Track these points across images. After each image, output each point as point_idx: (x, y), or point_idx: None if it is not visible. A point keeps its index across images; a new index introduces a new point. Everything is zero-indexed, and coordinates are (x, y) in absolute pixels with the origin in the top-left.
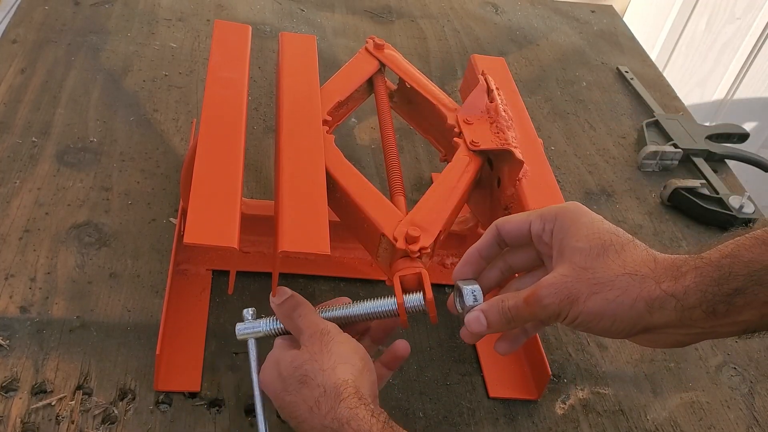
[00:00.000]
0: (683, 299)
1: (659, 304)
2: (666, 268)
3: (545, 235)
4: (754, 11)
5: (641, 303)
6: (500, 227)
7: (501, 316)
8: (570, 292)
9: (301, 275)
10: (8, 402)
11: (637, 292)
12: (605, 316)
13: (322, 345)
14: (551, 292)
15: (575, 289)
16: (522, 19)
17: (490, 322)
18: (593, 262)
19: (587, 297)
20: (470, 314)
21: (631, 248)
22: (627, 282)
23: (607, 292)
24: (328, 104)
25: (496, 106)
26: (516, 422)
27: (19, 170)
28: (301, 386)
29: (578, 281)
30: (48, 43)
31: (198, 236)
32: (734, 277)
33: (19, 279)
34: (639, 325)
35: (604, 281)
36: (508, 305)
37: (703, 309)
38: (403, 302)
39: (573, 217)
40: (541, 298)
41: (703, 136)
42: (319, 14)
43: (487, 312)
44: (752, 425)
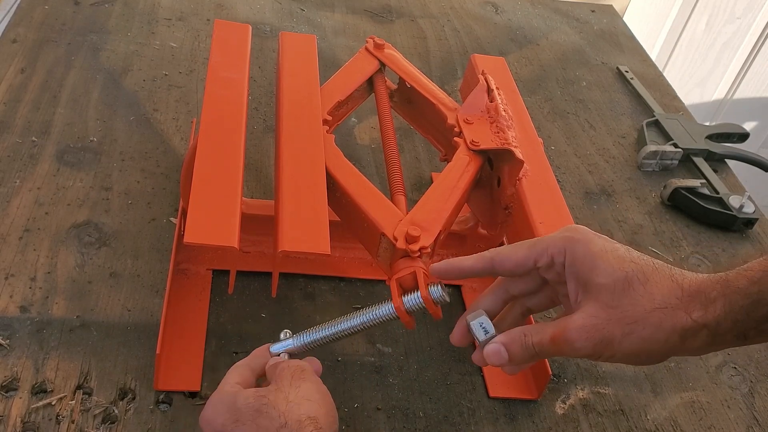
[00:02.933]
0: (715, 328)
1: (692, 334)
2: (693, 296)
3: (557, 267)
4: (754, 11)
5: (675, 336)
6: (496, 263)
7: (524, 351)
8: (603, 336)
9: (301, 275)
10: (8, 402)
11: (670, 327)
12: (641, 354)
13: (293, 380)
14: (583, 336)
15: (608, 331)
16: (522, 18)
17: (511, 355)
18: (620, 300)
19: (621, 338)
20: (490, 347)
21: (654, 277)
22: (659, 318)
23: (640, 331)
24: (328, 104)
25: (496, 106)
26: (516, 422)
27: (19, 170)
28: (257, 415)
29: (609, 322)
30: (48, 43)
31: (198, 236)
32: (763, 305)
33: (19, 279)
34: (671, 353)
35: (636, 319)
36: (533, 341)
37: (734, 335)
38: (402, 304)
39: (584, 249)
40: (572, 342)
41: (703, 135)
42: (319, 14)
43: (508, 346)
44: (752, 425)
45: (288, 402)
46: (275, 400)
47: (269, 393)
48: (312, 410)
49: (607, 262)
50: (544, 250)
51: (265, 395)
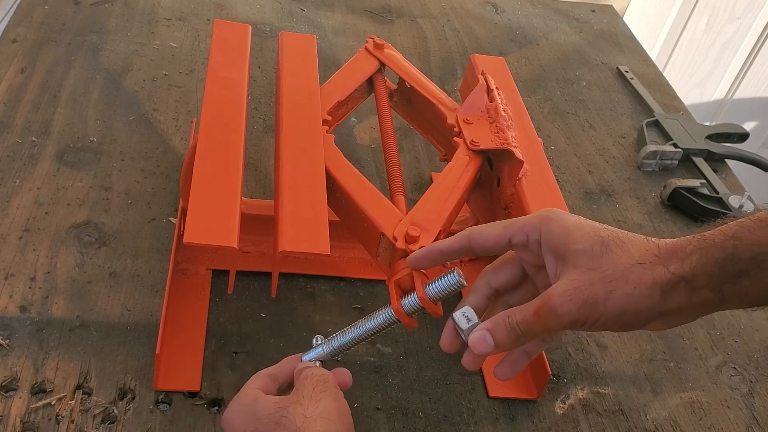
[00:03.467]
0: (692, 281)
1: (670, 287)
2: (670, 252)
3: (532, 245)
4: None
5: (656, 291)
6: (473, 240)
7: (509, 332)
8: (586, 297)
9: (301, 275)
10: (8, 402)
11: (650, 280)
12: (626, 312)
13: (314, 392)
14: (566, 300)
15: (591, 292)
16: (522, 18)
17: (497, 340)
18: (599, 261)
19: (605, 297)
20: (474, 334)
21: (630, 240)
22: (639, 272)
23: (623, 287)
24: (328, 104)
25: (496, 106)
26: (516, 422)
27: (19, 170)
28: (276, 427)
29: (591, 284)
30: (48, 43)
31: (198, 236)
32: (738, 260)
33: (18, 278)
34: (654, 312)
35: (617, 276)
36: (516, 320)
37: (710, 289)
38: (400, 307)
39: (559, 223)
40: (556, 307)
41: (703, 135)
42: (319, 14)
43: (493, 330)
44: (752, 425)
45: (305, 417)
46: (293, 414)
47: (289, 405)
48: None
49: (581, 230)
50: (519, 228)
51: (285, 407)
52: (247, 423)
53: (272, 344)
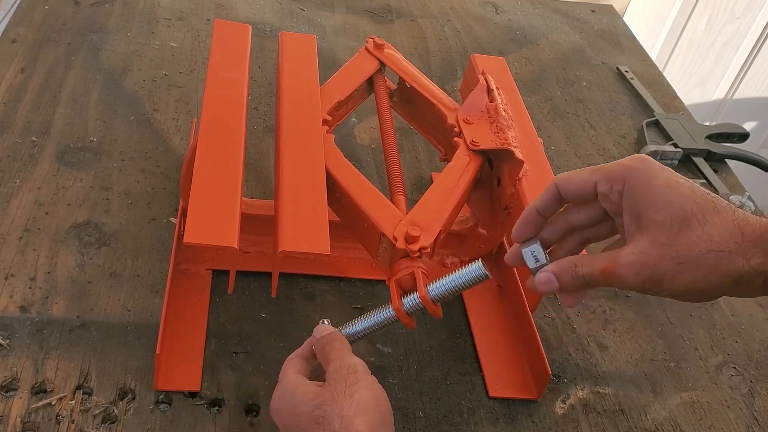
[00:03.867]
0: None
1: (747, 279)
2: (754, 242)
3: (614, 196)
4: (754, 11)
5: (728, 280)
6: (561, 187)
7: (574, 280)
8: (653, 272)
9: (301, 275)
10: (8, 402)
11: (725, 270)
12: (692, 293)
13: (347, 386)
14: (633, 272)
15: (659, 269)
16: (522, 18)
17: (562, 284)
18: (676, 238)
19: (672, 277)
20: (541, 275)
21: (714, 218)
22: (714, 260)
23: (693, 271)
24: (328, 104)
25: (496, 106)
26: (516, 422)
27: (19, 170)
28: (316, 427)
29: (661, 260)
30: (48, 43)
31: (198, 236)
32: None
33: (19, 278)
34: (722, 294)
35: (690, 260)
36: (583, 272)
37: None
38: (401, 306)
39: (645, 180)
40: (622, 277)
41: (703, 135)
42: (319, 14)
43: (559, 275)
44: (752, 425)
45: (342, 418)
46: (331, 413)
47: (325, 403)
48: (366, 427)
49: (666, 197)
50: (604, 176)
51: (321, 405)
52: (289, 417)
53: (272, 344)
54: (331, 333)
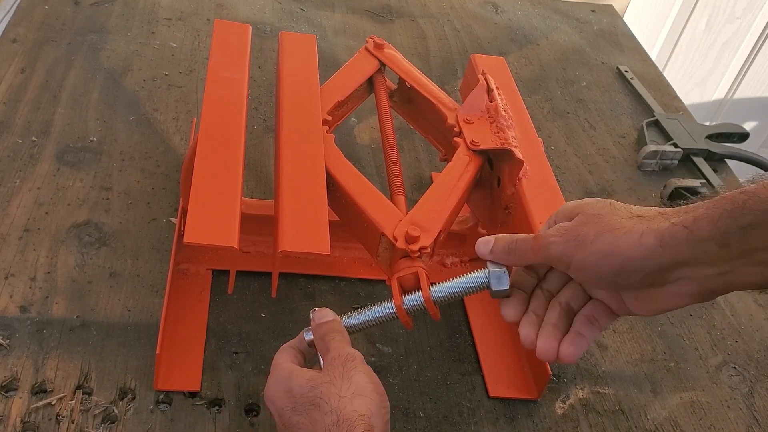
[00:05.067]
0: (694, 229)
1: (669, 234)
2: (677, 210)
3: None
4: (754, 11)
5: (650, 236)
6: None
7: (506, 244)
8: (577, 234)
9: (301, 275)
10: (8, 402)
11: (645, 227)
12: (614, 254)
13: (344, 370)
14: (557, 233)
15: (582, 231)
16: (522, 18)
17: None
18: (600, 210)
19: (594, 238)
20: (482, 238)
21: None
22: (635, 222)
23: (614, 231)
24: (328, 104)
25: (496, 106)
26: (516, 422)
27: (19, 170)
28: (312, 408)
29: (585, 224)
30: (48, 43)
31: (198, 236)
32: (748, 211)
33: (19, 278)
34: (652, 263)
35: (611, 222)
36: (517, 237)
37: (716, 241)
38: (402, 304)
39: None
40: (547, 236)
41: (703, 135)
42: (319, 14)
43: (498, 238)
44: (752, 425)
45: (340, 398)
46: (328, 393)
47: (322, 384)
48: (364, 407)
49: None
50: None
51: (318, 386)
52: (285, 401)
53: (272, 344)
54: (332, 321)
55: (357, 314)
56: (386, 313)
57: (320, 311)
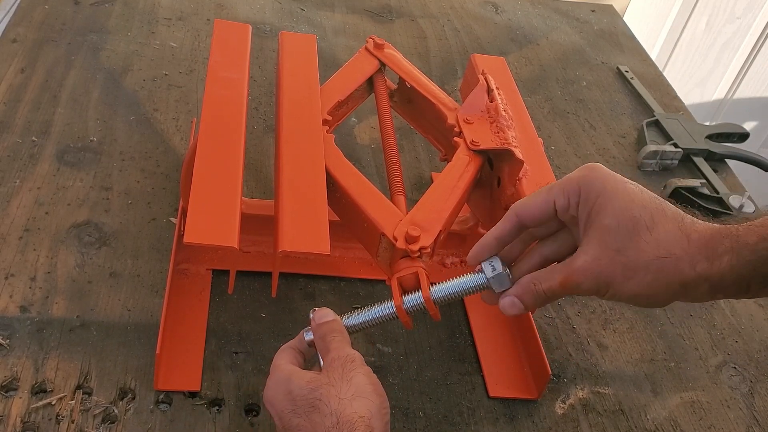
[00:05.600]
0: (718, 282)
1: (693, 284)
2: (699, 248)
3: (572, 209)
4: (754, 11)
5: (676, 286)
6: (521, 215)
7: (536, 298)
8: (606, 277)
9: (301, 275)
10: (8, 401)
11: (672, 277)
12: (641, 297)
13: (344, 372)
14: (587, 278)
15: (610, 273)
16: (522, 18)
17: (526, 305)
18: (625, 243)
19: (622, 282)
20: (504, 300)
21: (662, 223)
22: (661, 266)
23: (641, 277)
24: (328, 104)
25: (497, 106)
26: (516, 422)
27: (19, 170)
28: (312, 410)
29: (612, 265)
30: (48, 43)
31: (198, 236)
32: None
33: (19, 278)
34: (673, 299)
35: (638, 266)
36: (543, 288)
37: (736, 287)
38: (402, 304)
39: (598, 187)
40: (578, 284)
41: (703, 135)
42: (319, 14)
43: (521, 296)
44: (752, 425)
45: (340, 399)
46: (327, 395)
47: (321, 386)
48: (364, 408)
49: (616, 203)
50: (560, 190)
51: (317, 388)
52: (285, 403)
53: (272, 344)
54: (332, 321)
55: (357, 314)
56: (386, 313)
57: (320, 311)
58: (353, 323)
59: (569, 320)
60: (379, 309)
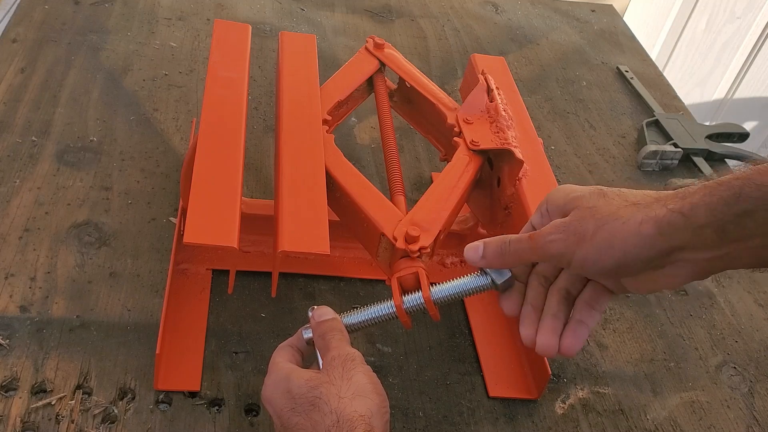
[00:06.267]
0: (691, 216)
1: (667, 222)
2: (673, 194)
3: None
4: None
5: (649, 225)
6: None
7: (498, 247)
8: (576, 230)
9: (301, 275)
10: (8, 401)
11: (643, 215)
12: (614, 246)
13: (344, 371)
14: (556, 230)
15: (581, 227)
16: (522, 18)
17: (486, 252)
18: (595, 202)
19: (594, 232)
20: (470, 244)
21: (631, 190)
22: (632, 210)
23: (612, 222)
24: (328, 104)
25: (496, 106)
26: (516, 422)
27: (19, 169)
28: (312, 409)
29: (583, 219)
30: (48, 43)
31: (198, 236)
32: (744, 198)
33: (19, 278)
34: (652, 251)
35: (608, 214)
36: (510, 239)
37: (713, 228)
38: (402, 303)
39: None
40: (546, 235)
41: (703, 135)
42: (319, 13)
43: (487, 243)
44: (752, 425)
45: (340, 398)
46: (327, 394)
47: (321, 385)
48: (364, 407)
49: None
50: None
51: (317, 386)
52: (283, 402)
53: (272, 344)
54: (332, 319)
55: (356, 313)
56: (386, 312)
57: (319, 309)
58: (352, 322)
59: None
60: (379, 308)
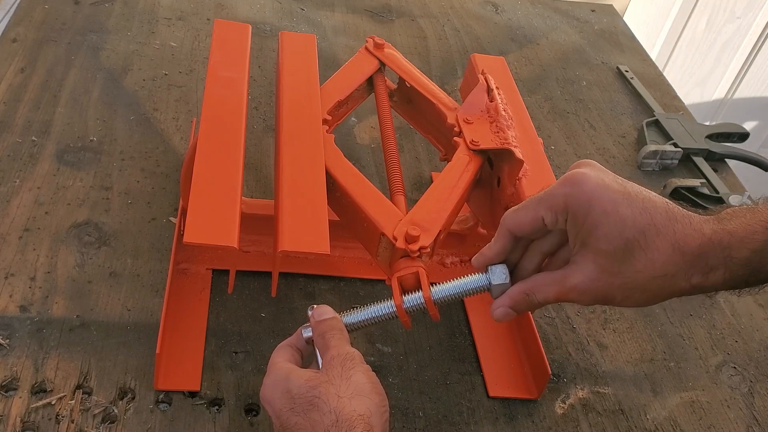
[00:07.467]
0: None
1: (689, 293)
2: (693, 262)
3: (560, 224)
4: (754, 11)
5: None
6: (513, 230)
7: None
8: (604, 296)
9: (301, 275)
10: (8, 401)
11: (667, 290)
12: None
13: (343, 370)
14: (585, 297)
15: (608, 293)
16: (522, 18)
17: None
18: (620, 267)
19: (621, 300)
20: (497, 311)
21: (655, 241)
22: (658, 285)
23: (639, 295)
24: (328, 103)
25: (496, 106)
26: (516, 422)
27: (19, 169)
28: (311, 408)
29: (610, 286)
30: (48, 42)
31: (198, 235)
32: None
33: (19, 278)
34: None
35: (635, 286)
36: (537, 299)
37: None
38: (402, 303)
39: (585, 208)
40: (575, 300)
41: (703, 135)
42: (319, 13)
43: (514, 307)
44: (752, 425)
45: (339, 398)
46: (326, 394)
47: (320, 384)
48: (363, 407)
49: (607, 227)
50: (547, 208)
51: (316, 386)
52: (282, 402)
53: (272, 344)
54: (332, 319)
55: (356, 313)
56: (386, 312)
57: (319, 308)
58: (352, 321)
59: (569, 320)
60: (379, 308)
